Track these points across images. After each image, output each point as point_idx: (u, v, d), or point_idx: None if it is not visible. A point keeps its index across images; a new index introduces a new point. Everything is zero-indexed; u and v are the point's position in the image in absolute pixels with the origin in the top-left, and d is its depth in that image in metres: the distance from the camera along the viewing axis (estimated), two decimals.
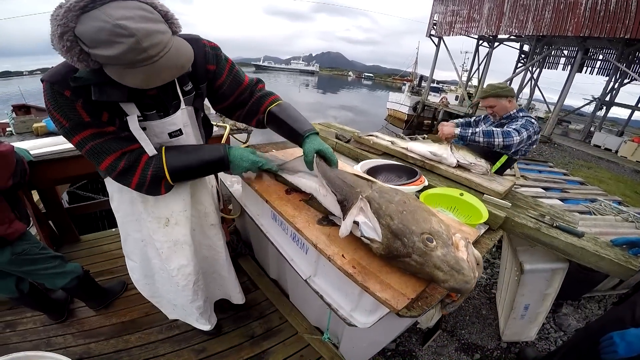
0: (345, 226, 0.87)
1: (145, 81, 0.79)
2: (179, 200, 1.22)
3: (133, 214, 1.24)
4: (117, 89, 0.84)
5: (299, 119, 1.25)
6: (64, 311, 1.81)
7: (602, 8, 9.64)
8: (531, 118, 2.21)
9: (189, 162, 1.07)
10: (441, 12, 16.09)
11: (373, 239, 0.84)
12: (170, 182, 1.05)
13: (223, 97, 1.24)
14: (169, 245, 1.24)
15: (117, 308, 1.90)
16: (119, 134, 0.95)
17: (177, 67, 0.82)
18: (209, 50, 1.11)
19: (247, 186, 1.43)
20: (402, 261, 0.81)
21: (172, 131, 1.09)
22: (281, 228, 1.32)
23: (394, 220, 0.81)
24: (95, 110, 0.88)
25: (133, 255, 1.39)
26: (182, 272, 1.29)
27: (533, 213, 1.73)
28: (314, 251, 1.06)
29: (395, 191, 0.93)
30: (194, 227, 1.34)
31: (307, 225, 1.06)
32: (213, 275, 1.55)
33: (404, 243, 0.79)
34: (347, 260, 0.91)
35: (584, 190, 5.03)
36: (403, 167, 1.73)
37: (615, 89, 14.18)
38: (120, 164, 0.96)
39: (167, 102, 1.03)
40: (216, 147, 1.11)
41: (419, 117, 19.75)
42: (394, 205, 0.85)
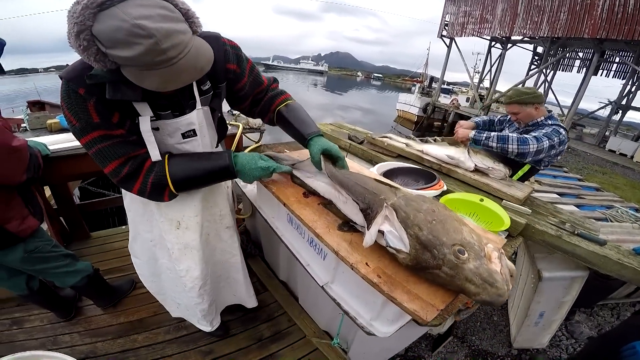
0: (370, 236, 0.83)
1: (163, 84, 0.76)
2: (191, 205, 1.21)
3: (145, 214, 1.24)
4: (132, 88, 0.82)
5: (305, 121, 1.25)
6: (72, 309, 1.80)
7: (619, 10, 9.39)
8: (560, 127, 2.05)
9: (192, 172, 1.04)
10: (453, 13, 15.93)
11: (400, 249, 0.80)
12: (174, 192, 1.02)
13: (244, 98, 1.24)
14: (179, 247, 1.24)
15: (125, 307, 1.89)
16: (127, 138, 0.93)
17: (196, 69, 0.79)
18: (229, 49, 1.09)
19: (262, 187, 1.39)
20: (430, 273, 0.77)
21: (186, 131, 1.06)
22: (297, 232, 1.28)
23: (423, 231, 0.77)
24: (107, 111, 0.87)
25: (140, 254, 1.39)
26: (190, 274, 1.29)
27: (553, 220, 1.68)
28: (333, 257, 1.03)
29: (422, 199, 0.88)
30: (209, 232, 1.33)
31: (327, 231, 1.02)
32: (228, 280, 1.54)
33: (433, 255, 0.75)
34: (372, 269, 0.87)
35: (600, 196, 4.92)
36: (420, 171, 1.68)
37: (632, 92, 13.84)
38: (124, 170, 0.94)
39: (183, 102, 1.01)
40: (221, 156, 1.07)
41: (429, 119, 19.51)
42: (423, 215, 0.80)
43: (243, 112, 1.35)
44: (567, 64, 17.21)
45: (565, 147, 2.09)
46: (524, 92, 2.15)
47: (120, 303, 1.91)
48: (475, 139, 2.11)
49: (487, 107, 15.71)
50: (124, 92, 0.83)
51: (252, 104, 1.29)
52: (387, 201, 0.87)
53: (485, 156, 2.00)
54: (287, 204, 1.16)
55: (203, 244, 1.29)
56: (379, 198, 0.90)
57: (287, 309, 1.93)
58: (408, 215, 0.81)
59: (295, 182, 1.27)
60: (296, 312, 1.90)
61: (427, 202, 0.86)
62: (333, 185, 1.12)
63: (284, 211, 1.29)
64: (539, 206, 1.85)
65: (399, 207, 0.84)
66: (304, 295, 1.85)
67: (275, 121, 1.31)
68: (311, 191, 1.21)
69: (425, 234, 0.77)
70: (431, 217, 0.80)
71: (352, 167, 1.38)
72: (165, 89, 0.78)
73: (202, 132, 1.12)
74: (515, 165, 2.14)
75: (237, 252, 1.46)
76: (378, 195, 0.92)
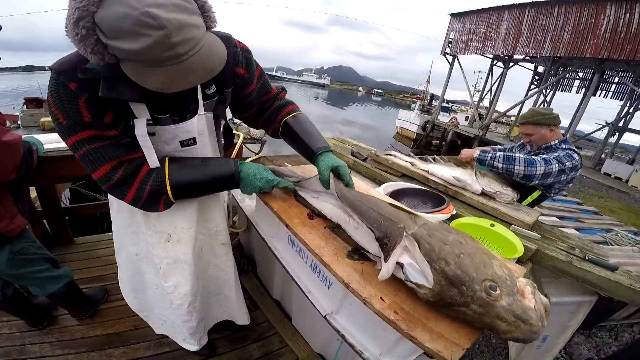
0: (386, 269, 0.75)
1: (167, 84, 0.68)
2: (184, 216, 1.11)
3: (131, 226, 1.14)
4: (129, 87, 0.73)
5: (314, 135, 1.18)
6: (45, 318, 1.68)
7: (623, 29, 9.59)
8: (574, 152, 1.96)
9: (195, 178, 0.96)
10: (457, 30, 16.14)
11: (421, 284, 0.72)
12: (172, 199, 0.94)
13: (249, 106, 1.16)
14: (168, 261, 1.14)
15: (103, 318, 1.77)
16: (120, 140, 0.84)
17: (206, 69, 0.72)
18: (239, 52, 1.02)
19: (261, 203, 1.29)
20: (455, 310, 0.70)
21: (185, 139, 0.98)
22: (299, 256, 1.18)
23: (450, 265, 0.69)
24: (99, 109, 0.78)
25: (124, 267, 1.29)
26: (179, 291, 1.18)
27: (562, 245, 1.65)
28: (339, 287, 0.93)
29: (446, 228, 0.80)
30: (202, 246, 1.24)
31: (335, 259, 0.92)
32: (219, 297, 1.44)
33: (461, 291, 0.68)
34: (387, 304, 0.78)
35: (599, 220, 4.91)
36: (428, 193, 1.61)
37: (629, 113, 13.98)
38: (117, 175, 0.85)
39: (185, 106, 0.93)
40: (227, 162, 1.01)
41: (427, 137, 19.61)
42: (449, 247, 0.72)
43: (246, 121, 1.27)
44: (567, 84, 17.47)
45: (578, 174, 2.00)
46: (540, 113, 2.07)
47: (97, 314, 1.79)
48: (480, 159, 2.04)
49: (486, 126, 15.79)
50: (120, 91, 0.74)
51: (257, 113, 1.22)
52: (407, 230, 0.79)
53: (493, 179, 1.94)
54: (290, 225, 1.07)
55: (195, 258, 1.20)
56: (397, 226, 0.82)
57: (280, 329, 1.82)
58: (433, 248, 0.73)
59: (299, 201, 1.17)
60: (289, 332, 1.80)
61: (453, 232, 0.78)
62: (342, 207, 1.04)
63: (285, 232, 1.20)
64: (546, 231, 1.80)
65: (421, 237, 0.76)
66: (298, 315, 1.76)
67: (280, 133, 1.23)
68: (316, 212, 1.12)
69: (452, 268, 0.69)
70: (459, 249, 0.72)
71: (360, 186, 1.30)
72: (169, 90, 0.70)
73: (203, 141, 1.04)
74: (525, 190, 2.07)
75: (232, 270, 1.37)
76: (396, 223, 0.83)
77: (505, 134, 18.70)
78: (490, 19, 14.20)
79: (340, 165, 1.10)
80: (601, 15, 10.05)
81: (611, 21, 9.82)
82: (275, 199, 1.19)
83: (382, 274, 0.75)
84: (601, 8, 10.05)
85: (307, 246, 0.98)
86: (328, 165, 1.09)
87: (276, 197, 1.20)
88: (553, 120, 2.04)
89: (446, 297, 0.69)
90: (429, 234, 0.76)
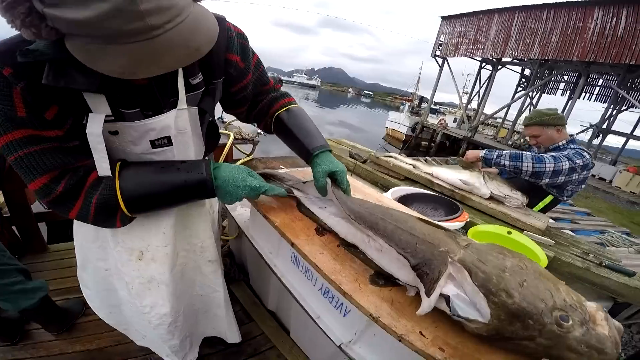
0: (428, 304, 0.61)
1: (131, 68, 0.52)
2: (157, 232, 0.93)
3: (96, 239, 0.95)
4: (84, 73, 0.57)
5: (310, 132, 1.03)
6: (17, 332, 1.50)
7: (609, 33, 9.72)
8: (583, 151, 1.88)
9: (152, 188, 0.77)
10: (448, 33, 16.21)
11: (475, 319, 0.59)
12: (127, 214, 0.76)
13: (243, 101, 1.00)
14: (141, 281, 0.96)
15: (82, 332, 1.59)
16: (64, 142, 0.66)
17: (189, 49, 0.55)
18: (233, 36, 0.86)
19: (257, 214, 1.11)
20: (516, 344, 0.59)
21: (158, 138, 0.79)
22: (305, 276, 1.01)
23: (514, 298, 0.57)
24: (40, 102, 0.60)
25: (91, 285, 1.10)
26: (156, 311, 1.01)
27: (576, 251, 1.58)
28: (358, 315, 0.78)
29: (497, 249, 0.67)
30: (186, 262, 1.07)
31: (357, 286, 0.75)
32: (206, 314, 1.28)
33: (526, 325, 0.56)
34: (430, 340, 0.64)
35: (593, 221, 4.94)
36: (439, 198, 1.49)
37: (613, 115, 14.28)
38: (58, 188, 0.68)
39: (161, 97, 0.74)
40: (196, 166, 0.81)
41: (417, 138, 19.69)
42: (509, 275, 0.60)
43: (240, 117, 1.11)
44: (552, 86, 17.77)
45: (589, 174, 1.92)
46: (546, 114, 1.99)
47: (75, 328, 1.61)
48: (486, 157, 1.96)
49: (475, 128, 15.94)
50: (71, 77, 0.57)
51: (251, 107, 1.07)
52: (452, 255, 0.65)
53: (502, 183, 1.84)
54: (296, 244, 0.89)
55: (176, 277, 1.02)
56: (437, 250, 0.67)
57: (277, 342, 1.68)
58: (489, 277, 0.60)
59: (303, 213, 1.01)
60: (287, 346, 1.65)
61: (507, 254, 0.65)
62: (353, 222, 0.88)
63: (287, 249, 1.04)
64: (557, 236, 1.73)
65: (472, 264, 0.62)
66: (297, 328, 1.61)
67: (273, 129, 1.08)
68: (326, 227, 0.95)
69: (517, 301, 0.57)
70: (520, 277, 0.60)
71: (369, 194, 1.16)
72: (133, 77, 0.54)
73: (183, 141, 0.85)
74: (536, 196, 1.98)
75: (221, 289, 1.20)
76: (435, 246, 0.68)
77: (492, 136, 18.98)
78: (481, 22, 14.29)
79: (338, 171, 0.96)
80: (589, 19, 10.20)
81: (598, 25, 9.96)
82: (274, 211, 1.01)
83: (422, 309, 0.61)
84: (589, 12, 10.20)
85: (320, 271, 0.81)
86: (325, 171, 0.94)
87: (275, 208, 1.03)
88: (560, 120, 1.97)
89: (506, 332, 0.58)
90: (480, 259, 0.63)
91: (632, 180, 11.70)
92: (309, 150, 0.98)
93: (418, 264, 0.67)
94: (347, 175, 1.02)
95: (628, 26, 9.33)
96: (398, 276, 0.74)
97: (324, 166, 0.95)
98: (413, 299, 0.70)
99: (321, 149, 0.98)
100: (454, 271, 0.62)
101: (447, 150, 17.52)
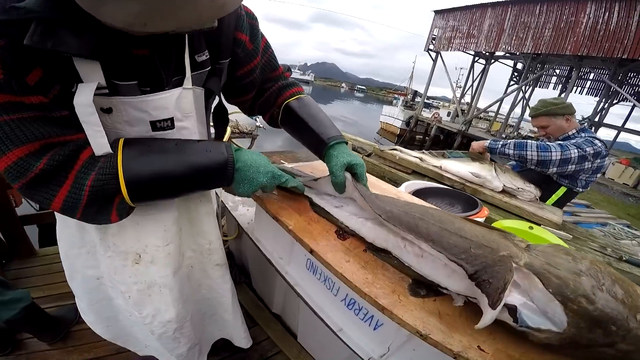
0: (492, 315, 0.53)
1: (143, 17, 0.43)
2: (157, 229, 0.81)
3: (83, 245, 0.84)
4: (76, 35, 0.49)
5: (323, 121, 0.93)
6: (8, 343, 1.42)
7: (602, 27, 9.76)
8: (594, 139, 1.81)
9: (166, 167, 0.64)
10: (441, 27, 16.19)
11: (547, 329, 0.52)
12: (129, 202, 0.63)
13: (250, 87, 0.90)
14: (139, 287, 0.84)
15: (78, 341, 1.50)
16: (48, 112, 0.55)
17: (213, 3, 0.46)
18: (243, 14, 0.77)
19: (263, 215, 0.99)
20: (591, 351, 0.53)
21: (160, 119, 0.68)
22: (325, 286, 0.89)
23: (596, 304, 0.50)
24: (21, 62, 0.50)
25: (82, 296, 0.98)
26: (159, 319, 0.89)
27: (594, 245, 1.53)
28: (394, 329, 0.68)
29: (566, 252, 0.59)
30: (192, 264, 0.97)
31: (396, 299, 0.64)
32: (214, 317, 1.19)
33: (608, 331, 0.50)
34: (490, 354, 0.56)
35: (594, 213, 4.93)
36: (454, 193, 1.41)
37: (604, 109, 14.41)
38: (38, 164, 0.54)
39: (164, 72, 0.64)
40: (215, 146, 0.70)
41: (411, 132, 19.83)
42: (587, 279, 0.52)
43: (243, 108, 1.01)
44: (545, 80, 17.88)
45: (605, 163, 1.86)
46: (553, 103, 1.93)
47: (70, 336, 1.51)
48: (491, 147, 1.92)
49: (469, 121, 15.98)
50: (60, 39, 0.48)
51: (257, 95, 0.97)
52: (517, 260, 0.57)
53: (515, 175, 1.78)
54: (316, 252, 0.76)
55: (181, 280, 0.92)
56: (498, 255, 0.58)
57: (283, 347, 1.60)
58: (565, 283, 0.52)
59: (316, 212, 0.90)
60: (294, 351, 1.58)
61: (578, 256, 0.57)
62: (382, 223, 0.76)
63: (302, 255, 0.93)
64: (571, 230, 1.67)
65: (542, 269, 0.54)
66: (306, 333, 1.53)
67: (281, 120, 0.98)
68: (347, 230, 0.84)
69: (599, 307, 0.50)
70: (597, 280, 0.52)
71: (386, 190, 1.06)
72: (143, 28, 0.45)
73: (188, 127, 0.75)
74: (548, 189, 1.92)
75: (228, 294, 1.10)
76: (495, 250, 0.59)
77: (486, 129, 19.11)
78: (474, 16, 14.29)
79: (358, 164, 0.85)
80: (581, 13, 10.24)
81: (591, 19, 10.00)
82: (286, 212, 0.89)
83: (484, 322, 0.53)
84: (582, 7, 10.24)
85: (349, 284, 0.69)
86: (344, 163, 0.84)
87: (285, 208, 0.91)
88: (568, 109, 1.90)
89: (583, 340, 0.51)
90: (550, 263, 0.54)
91: (624, 172, 11.85)
92: (323, 141, 0.88)
93: (477, 271, 0.57)
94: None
95: (620, 20, 9.37)
96: (446, 285, 0.64)
97: (342, 158, 0.84)
98: (462, 309, 0.62)
99: (337, 139, 0.88)
100: (519, 278, 0.54)
101: (442, 144, 17.61)
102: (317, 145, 0.91)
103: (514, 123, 18.74)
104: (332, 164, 0.85)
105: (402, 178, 1.82)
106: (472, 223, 0.69)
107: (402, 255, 0.72)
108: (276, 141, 1.55)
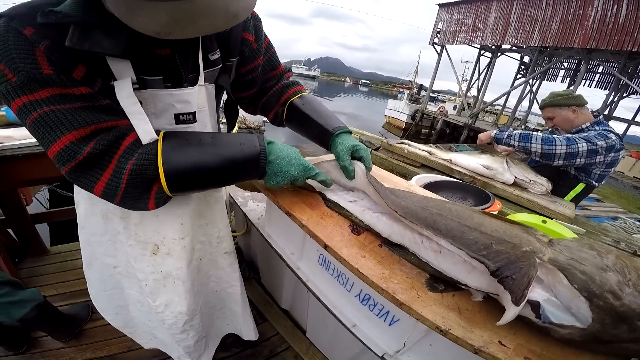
0: (514, 312, 0.52)
1: (169, 27, 0.49)
2: (174, 223, 0.85)
3: (106, 233, 0.88)
4: (109, 37, 0.55)
5: (327, 114, 0.99)
6: (24, 341, 1.45)
7: (610, 20, 9.60)
8: (609, 132, 1.75)
9: (203, 159, 0.67)
10: (446, 21, 16.02)
11: (570, 325, 0.51)
12: (167, 191, 0.66)
13: (251, 83, 0.95)
14: (156, 277, 0.89)
15: (91, 339, 1.53)
16: (95, 101, 0.60)
17: (228, 13, 0.51)
18: (249, 16, 0.83)
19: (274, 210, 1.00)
20: (614, 347, 0.52)
21: (183, 112, 0.74)
22: (338, 282, 0.89)
23: (623, 299, 0.49)
24: (66, 61, 0.56)
25: (97, 284, 1.03)
26: (171, 309, 0.94)
27: (607, 239, 1.54)
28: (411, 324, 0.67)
29: (590, 246, 0.57)
30: (202, 256, 1.00)
31: (414, 295, 0.64)
32: (222, 310, 1.22)
33: (634, 327, 0.49)
34: (512, 349, 0.55)
35: (604, 207, 4.86)
36: (466, 186, 1.40)
37: (614, 102, 14.18)
38: (86, 149, 0.59)
39: (184, 70, 0.69)
40: (248, 139, 0.73)
41: (417, 126, 19.75)
42: (614, 275, 0.51)
43: (242, 104, 1.04)
44: (552, 73, 17.64)
45: (620, 156, 1.81)
46: (558, 94, 1.92)
47: (83, 334, 1.54)
48: (497, 137, 1.91)
49: (476, 115, 15.84)
50: (95, 41, 0.54)
51: (257, 94, 1.01)
52: (540, 255, 0.55)
53: (527, 168, 1.76)
54: (330, 247, 0.76)
55: (192, 273, 0.95)
56: (521, 251, 0.56)
57: (293, 343, 1.61)
58: (592, 278, 0.51)
59: (330, 207, 0.90)
60: (304, 347, 1.59)
61: (604, 250, 0.56)
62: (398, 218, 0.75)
63: (314, 250, 0.93)
64: (584, 224, 1.68)
65: (567, 264, 0.53)
66: (316, 328, 1.53)
67: (285, 118, 1.02)
68: (362, 225, 0.83)
69: (626, 303, 0.49)
70: (623, 275, 0.51)
71: (398, 183, 1.05)
72: (170, 36, 0.50)
73: (203, 120, 0.81)
74: (567, 185, 1.89)
75: (237, 283, 1.13)
76: (517, 245, 0.57)
77: (493, 122, 19.01)
78: (479, 9, 14.11)
79: (361, 148, 0.91)
80: (589, 6, 10.08)
81: (599, 12, 9.84)
82: (298, 206, 0.89)
83: (506, 319, 0.52)
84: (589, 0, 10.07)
85: (366, 279, 0.68)
86: (348, 147, 0.90)
87: (298, 203, 0.91)
88: (573, 99, 1.87)
89: (606, 335, 0.50)
90: (574, 258, 0.53)
91: (635, 166, 11.71)
92: (328, 131, 0.93)
93: (499, 268, 0.56)
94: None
95: (629, 13, 9.21)
96: (467, 282, 0.63)
97: (346, 144, 0.90)
98: (482, 304, 0.61)
99: (342, 129, 0.94)
100: (542, 274, 0.53)
101: (448, 137, 17.50)
102: (322, 137, 0.95)
103: (522, 116, 18.54)
104: (338, 149, 0.90)
105: (412, 172, 1.80)
106: (491, 217, 0.68)
107: (419, 251, 0.71)
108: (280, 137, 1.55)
